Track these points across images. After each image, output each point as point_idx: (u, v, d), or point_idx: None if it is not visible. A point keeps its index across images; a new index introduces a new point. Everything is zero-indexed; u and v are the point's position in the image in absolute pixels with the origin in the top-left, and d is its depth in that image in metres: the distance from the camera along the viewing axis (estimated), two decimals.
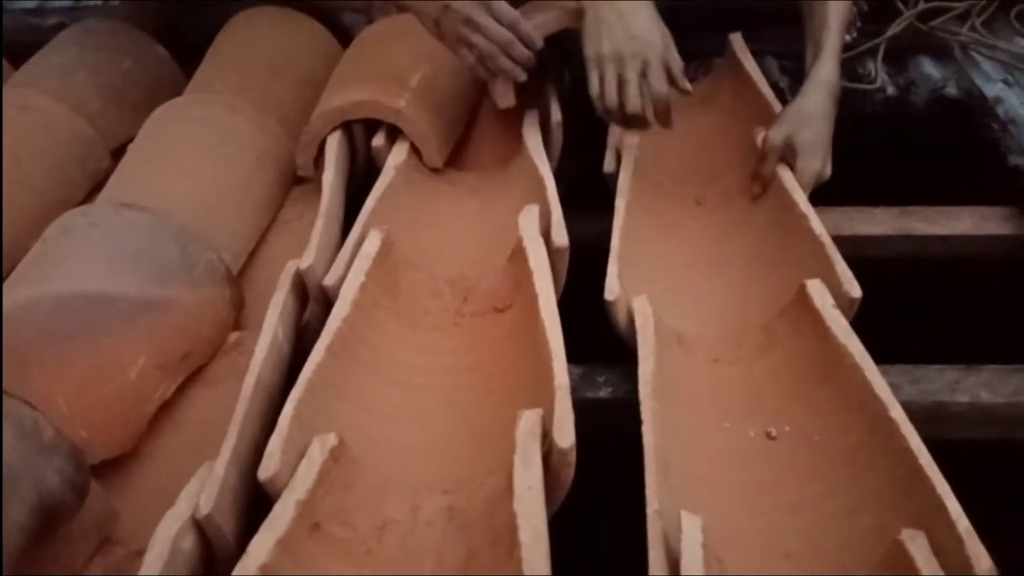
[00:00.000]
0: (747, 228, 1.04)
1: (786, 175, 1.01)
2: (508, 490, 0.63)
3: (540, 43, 1.03)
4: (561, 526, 0.65)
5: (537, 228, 0.91)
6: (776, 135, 1.03)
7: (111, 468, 0.76)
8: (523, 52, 1.02)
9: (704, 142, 1.21)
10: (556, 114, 1.12)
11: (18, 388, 0.66)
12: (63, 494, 0.62)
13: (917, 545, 0.60)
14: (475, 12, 1.00)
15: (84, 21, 1.34)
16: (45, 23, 1.54)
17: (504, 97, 1.08)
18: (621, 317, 0.86)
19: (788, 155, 1.02)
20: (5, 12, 1.72)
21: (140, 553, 0.61)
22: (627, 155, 1.08)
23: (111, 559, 0.68)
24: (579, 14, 1.03)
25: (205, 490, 0.64)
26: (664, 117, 1.01)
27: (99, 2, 1.88)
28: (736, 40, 1.28)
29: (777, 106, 1.11)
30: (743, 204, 1.08)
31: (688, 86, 1.01)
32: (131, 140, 1.10)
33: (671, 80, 1.00)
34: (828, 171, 1.03)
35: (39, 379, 0.74)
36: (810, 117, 1.03)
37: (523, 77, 1.03)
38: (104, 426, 0.75)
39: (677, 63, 1.00)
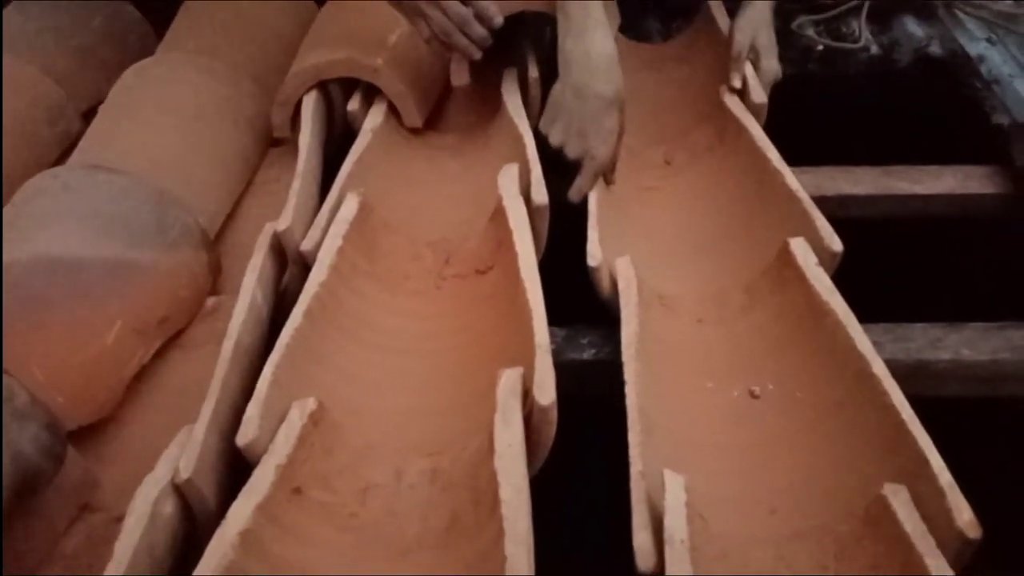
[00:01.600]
0: (719, 187, 1.04)
1: (756, 132, 1.01)
2: (490, 450, 0.62)
3: (499, 21, 1.01)
4: (545, 488, 0.65)
5: (517, 187, 0.90)
6: (743, 35, 1.08)
7: (89, 434, 0.75)
8: (479, 31, 1.00)
9: (671, 100, 1.20)
10: (533, 71, 1.10)
11: None
12: (39, 461, 0.61)
13: (899, 499, 0.60)
14: None
15: None
16: None
17: (458, 74, 1.06)
18: (604, 283, 0.85)
19: (751, 55, 1.09)
20: None
21: (120, 519, 0.61)
22: None
23: (91, 525, 0.67)
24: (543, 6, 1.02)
25: (185, 454, 0.63)
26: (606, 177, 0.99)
27: None
28: (714, 2, 1.26)
29: (747, 64, 1.11)
30: (711, 162, 1.08)
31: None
32: (102, 101, 1.08)
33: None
34: (780, 70, 1.11)
35: (12, 345, 0.73)
36: (762, 23, 1.10)
37: (477, 55, 1.02)
38: (80, 391, 0.74)
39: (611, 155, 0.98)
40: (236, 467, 0.67)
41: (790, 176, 0.92)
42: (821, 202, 0.90)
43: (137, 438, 0.76)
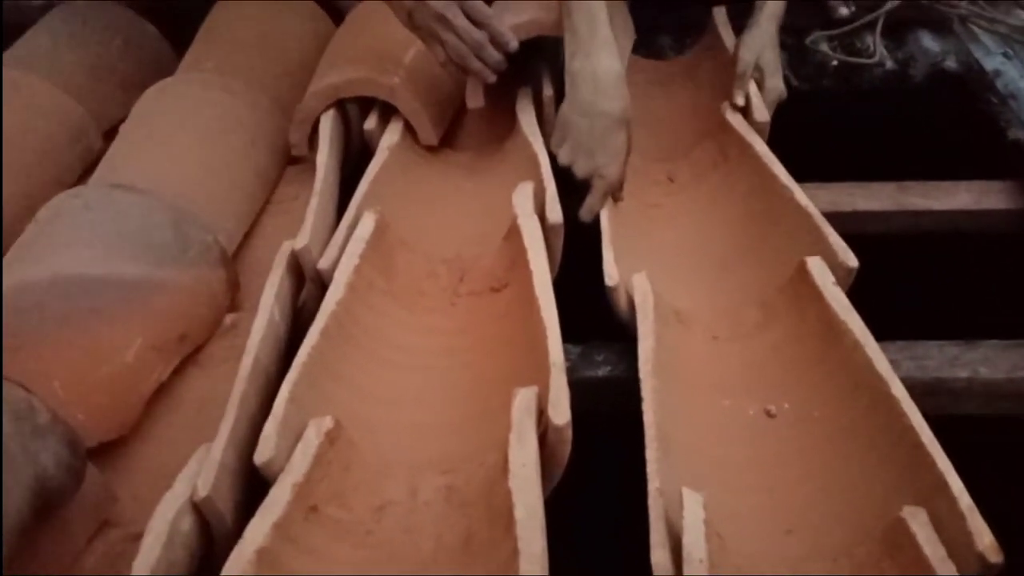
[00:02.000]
0: (725, 204, 1.04)
1: (761, 148, 1.01)
2: (505, 469, 0.63)
3: (514, 45, 1.02)
4: (561, 506, 0.65)
5: (531, 205, 0.90)
6: (747, 55, 1.08)
7: (108, 451, 0.76)
8: (493, 55, 1.00)
9: (677, 118, 1.20)
10: (548, 89, 1.11)
11: (12, 372, 0.66)
12: (59, 477, 0.62)
13: (918, 522, 0.59)
14: (448, 9, 0.98)
15: (73, 1, 1.32)
16: (33, 3, 1.52)
17: (473, 97, 1.06)
18: (622, 302, 0.85)
19: (756, 75, 1.09)
20: None
21: (138, 536, 0.61)
22: None
23: (110, 542, 0.68)
24: (559, 28, 1.02)
25: (203, 472, 0.63)
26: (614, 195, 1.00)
27: None
28: (719, 14, 1.27)
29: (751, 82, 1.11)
30: (715, 179, 1.08)
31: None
32: (122, 120, 1.09)
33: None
34: (785, 91, 1.11)
35: (34, 362, 0.74)
36: (766, 42, 1.09)
37: (492, 79, 1.02)
38: (100, 409, 0.75)
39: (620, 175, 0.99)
40: (253, 485, 0.68)
41: (799, 192, 0.92)
42: (836, 218, 0.90)
43: (156, 455, 0.77)
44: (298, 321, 0.86)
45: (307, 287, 0.89)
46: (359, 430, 0.71)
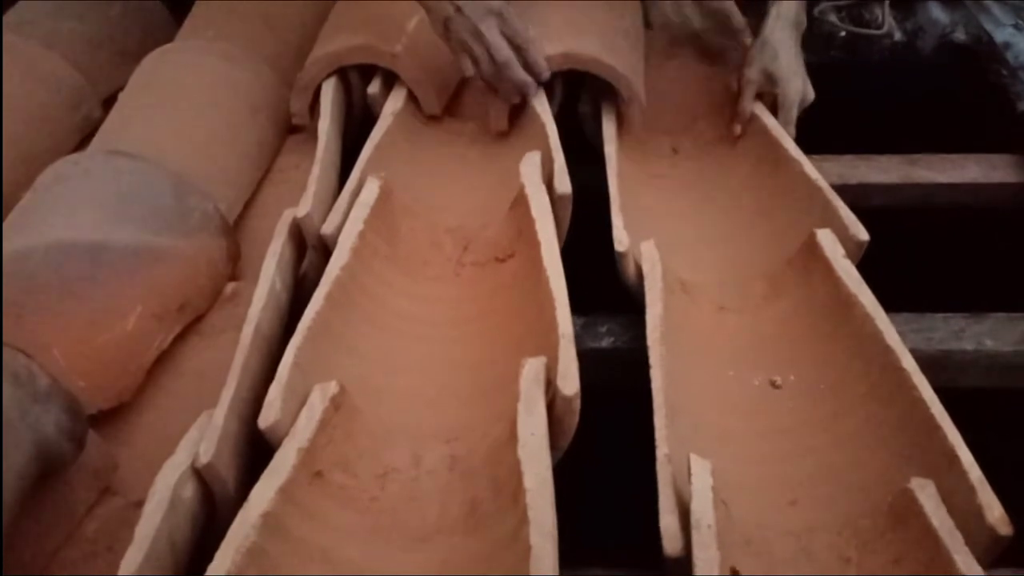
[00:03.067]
0: (730, 176, 1.03)
1: (769, 120, 1.00)
2: (511, 439, 0.62)
3: (547, 75, 0.99)
4: (564, 476, 0.64)
5: (539, 175, 0.89)
6: (751, 71, 1.03)
7: (109, 418, 0.75)
8: (522, 78, 0.98)
9: (679, 89, 1.18)
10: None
11: (12, 339, 0.65)
12: (60, 443, 0.61)
13: (926, 493, 0.59)
14: (485, 24, 0.95)
15: None
16: None
17: (497, 119, 1.04)
18: (630, 268, 0.84)
19: (767, 85, 1.03)
20: None
21: (140, 503, 0.61)
22: (606, 103, 1.05)
23: (111, 508, 0.67)
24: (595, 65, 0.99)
25: (205, 438, 0.63)
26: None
27: None
28: None
29: None
30: (720, 151, 1.06)
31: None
32: (122, 88, 1.08)
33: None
34: (811, 93, 1.04)
35: (34, 329, 0.73)
36: (779, 47, 1.03)
37: (516, 100, 1.00)
38: (101, 376, 0.74)
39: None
40: (255, 452, 0.67)
41: (808, 165, 0.91)
42: (844, 191, 0.90)
43: (157, 423, 0.76)
44: (300, 290, 0.86)
45: (309, 255, 0.88)
46: (363, 397, 0.71)
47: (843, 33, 1.30)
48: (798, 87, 1.02)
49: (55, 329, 0.74)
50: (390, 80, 1.09)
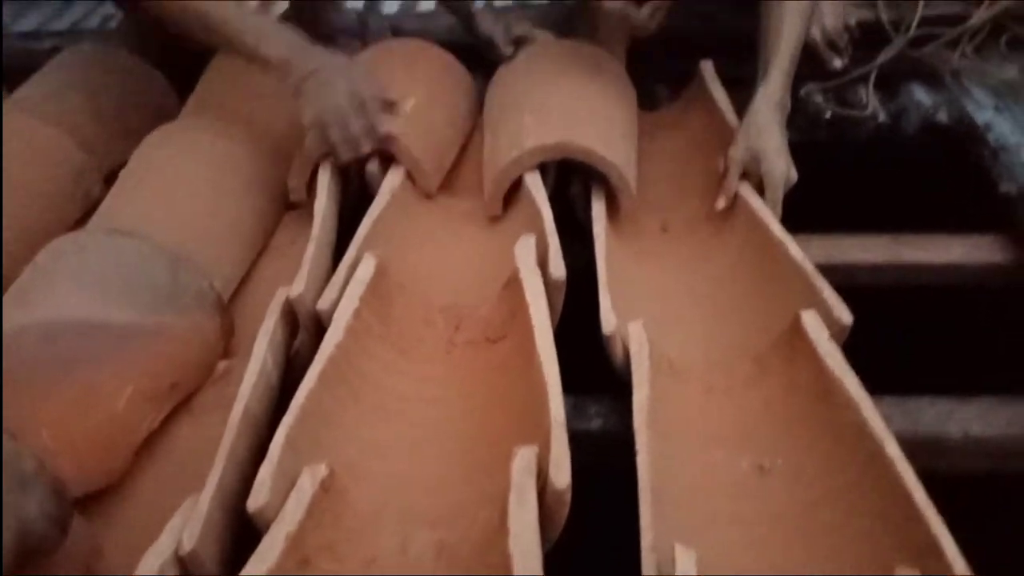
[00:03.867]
0: (718, 255, 1.04)
1: (754, 201, 1.01)
2: (501, 527, 0.62)
3: (367, 149, 1.04)
4: (553, 562, 0.64)
5: (534, 258, 0.91)
6: (736, 150, 1.06)
7: (95, 500, 0.75)
8: (354, 133, 1.02)
9: (667, 168, 1.21)
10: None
11: (3, 417, 0.65)
12: (44, 528, 0.61)
13: None
14: (335, 85, 1.00)
15: (80, 45, 1.34)
16: (41, 47, 1.54)
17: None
18: (618, 349, 0.85)
19: (752, 166, 1.05)
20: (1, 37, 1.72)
21: None
22: (596, 183, 1.07)
23: None
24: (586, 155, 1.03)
25: (188, 525, 0.63)
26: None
27: (95, 27, 1.90)
28: (706, 67, 1.28)
29: None
30: (708, 230, 1.08)
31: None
32: (124, 164, 1.10)
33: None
34: (794, 174, 1.05)
35: (24, 408, 0.73)
36: (764, 127, 1.06)
37: (350, 155, 1.03)
38: (89, 458, 0.74)
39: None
40: (241, 535, 0.67)
41: (794, 246, 0.93)
42: (830, 270, 0.90)
43: (144, 505, 0.76)
44: (291, 369, 0.86)
45: (301, 334, 0.89)
46: (351, 478, 0.71)
47: (828, 114, 1.33)
48: (782, 168, 1.04)
49: (45, 409, 0.75)
50: (388, 157, 1.11)
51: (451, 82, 1.27)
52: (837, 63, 1.37)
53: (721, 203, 1.06)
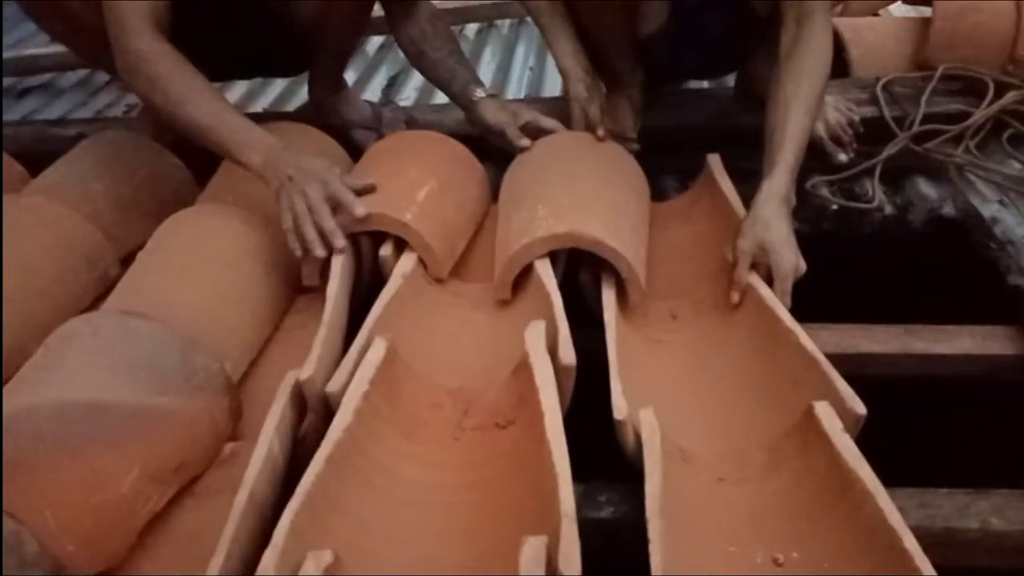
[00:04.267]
0: (727, 343, 1.04)
1: (764, 291, 1.02)
2: None
3: (360, 212, 1.06)
4: None
5: (544, 344, 0.91)
6: (744, 242, 1.07)
7: None
8: (329, 224, 1.05)
9: (677, 257, 1.23)
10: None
11: (7, 497, 0.65)
12: None
13: None
14: (311, 188, 1.05)
15: (103, 132, 1.39)
16: (66, 133, 1.59)
17: (308, 274, 1.10)
18: (629, 436, 0.84)
19: (761, 257, 1.06)
20: (29, 124, 1.78)
21: None
22: (607, 271, 1.08)
23: None
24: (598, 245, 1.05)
25: None
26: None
27: (119, 114, 1.96)
28: (714, 160, 1.31)
29: None
30: (717, 318, 1.08)
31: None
32: (141, 247, 1.12)
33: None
34: (803, 265, 1.06)
35: (29, 488, 0.73)
36: (771, 220, 1.07)
37: (321, 253, 1.05)
38: (92, 539, 0.73)
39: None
40: None
41: (804, 336, 0.93)
42: (841, 360, 0.90)
43: None
44: (299, 452, 0.86)
45: (309, 417, 0.89)
46: (357, 564, 0.70)
47: (835, 206, 1.35)
48: (791, 259, 1.05)
49: (50, 489, 0.74)
50: (401, 242, 1.12)
51: (463, 171, 1.30)
52: (842, 157, 1.40)
53: (735, 297, 1.06)
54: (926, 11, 1.72)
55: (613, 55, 1.40)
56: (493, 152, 1.37)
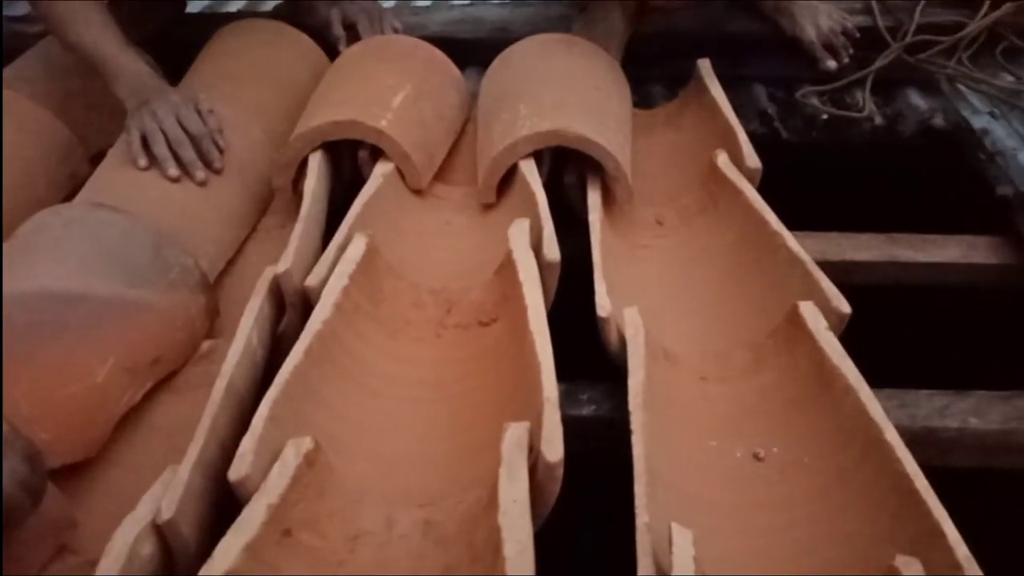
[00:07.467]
0: (714, 247, 1.03)
1: (752, 195, 1.00)
2: (490, 505, 0.60)
3: (218, 164, 1.04)
4: (543, 546, 0.62)
5: (527, 241, 0.89)
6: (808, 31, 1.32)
7: (73, 473, 0.73)
8: (190, 158, 1.03)
9: (663, 163, 1.20)
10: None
11: None
12: (15, 494, 0.59)
13: (912, 571, 0.57)
14: (167, 118, 1.04)
15: None
16: (30, 30, 1.52)
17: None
18: (613, 334, 0.84)
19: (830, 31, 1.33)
20: None
21: (97, 562, 0.58)
22: (592, 173, 1.06)
23: (66, 567, 0.65)
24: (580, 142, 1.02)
25: (167, 494, 0.61)
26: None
27: None
28: (703, 65, 1.28)
29: (739, 130, 1.11)
30: (703, 224, 1.07)
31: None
32: (110, 145, 1.08)
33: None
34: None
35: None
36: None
37: (200, 176, 1.03)
38: (66, 428, 0.72)
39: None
40: (221, 510, 0.65)
41: (791, 239, 0.92)
42: (825, 267, 0.89)
43: (121, 481, 0.74)
44: (277, 349, 0.84)
45: (288, 314, 0.87)
46: (337, 455, 0.69)
47: (825, 116, 1.32)
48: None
49: (22, 377, 0.72)
50: (377, 153, 1.07)
51: (440, 78, 1.25)
52: (832, 64, 1.37)
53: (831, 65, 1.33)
54: None
55: None
56: (474, 59, 1.33)
